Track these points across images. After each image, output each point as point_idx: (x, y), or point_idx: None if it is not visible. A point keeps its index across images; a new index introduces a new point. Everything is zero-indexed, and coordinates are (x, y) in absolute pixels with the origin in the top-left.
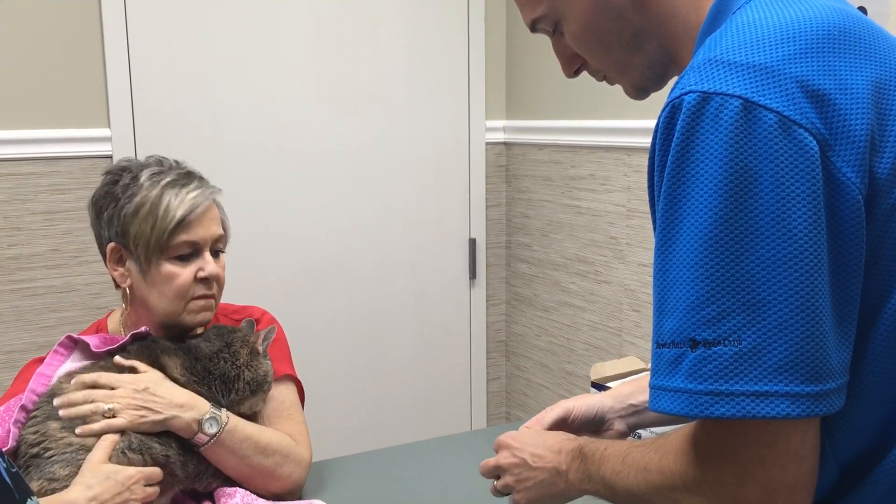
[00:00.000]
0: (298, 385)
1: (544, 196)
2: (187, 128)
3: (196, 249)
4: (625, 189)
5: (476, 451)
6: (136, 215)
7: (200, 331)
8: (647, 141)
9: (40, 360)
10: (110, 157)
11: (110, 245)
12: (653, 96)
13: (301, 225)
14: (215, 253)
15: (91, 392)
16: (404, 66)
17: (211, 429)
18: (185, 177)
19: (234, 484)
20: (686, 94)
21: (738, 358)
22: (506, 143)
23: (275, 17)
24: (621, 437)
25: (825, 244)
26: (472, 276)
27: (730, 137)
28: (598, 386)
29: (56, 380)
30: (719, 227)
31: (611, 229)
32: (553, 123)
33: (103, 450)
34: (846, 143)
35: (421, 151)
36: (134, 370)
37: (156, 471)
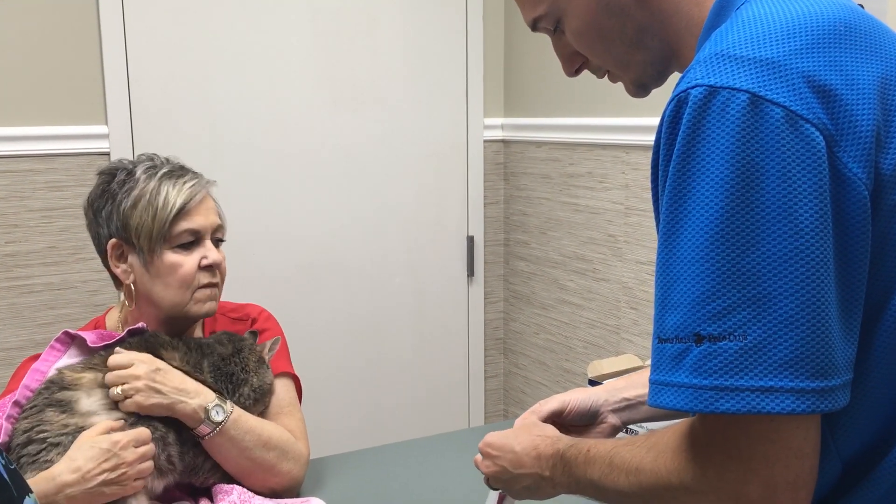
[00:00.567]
0: (297, 382)
1: (542, 194)
2: (185, 125)
3: (198, 237)
4: (623, 187)
5: (474, 449)
6: (135, 207)
7: (198, 332)
8: (646, 139)
9: (37, 358)
10: (108, 154)
11: (111, 241)
12: (651, 94)
13: (299, 223)
14: (216, 242)
15: (117, 373)
16: (403, 64)
17: (217, 416)
18: (179, 169)
19: (231, 480)
20: (692, 87)
21: (744, 353)
22: (504, 141)
23: (273, 15)
24: (614, 431)
25: (831, 239)
26: (471, 273)
27: (736, 132)
28: (596, 383)
29: (52, 373)
30: (725, 221)
31: (609, 227)
32: (551, 121)
33: (96, 429)
34: (852, 138)
35: (419, 149)
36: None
37: (143, 431)
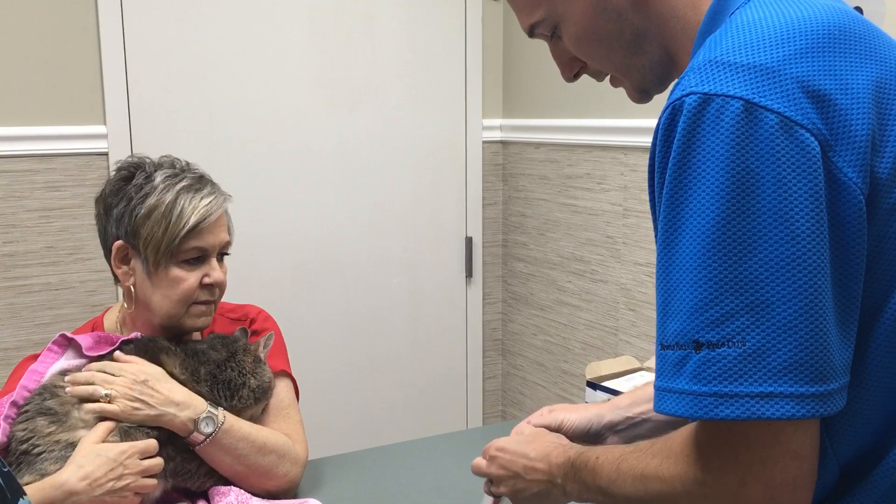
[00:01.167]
0: (293, 382)
1: (541, 195)
2: (183, 125)
3: (204, 255)
4: (621, 188)
5: (472, 450)
6: (148, 217)
7: (197, 336)
8: (644, 140)
9: (35, 358)
10: (106, 154)
11: (117, 243)
12: None
13: (297, 222)
14: (220, 256)
15: (94, 374)
16: (401, 64)
17: (207, 428)
18: (198, 181)
19: (228, 483)
20: (687, 95)
21: (743, 359)
22: (502, 142)
23: (272, 14)
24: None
25: (827, 244)
26: (469, 274)
27: (731, 139)
28: (594, 385)
29: (49, 377)
30: (722, 228)
31: (607, 228)
32: (550, 122)
33: (97, 433)
34: (847, 143)
35: (418, 150)
36: None
37: (150, 443)
